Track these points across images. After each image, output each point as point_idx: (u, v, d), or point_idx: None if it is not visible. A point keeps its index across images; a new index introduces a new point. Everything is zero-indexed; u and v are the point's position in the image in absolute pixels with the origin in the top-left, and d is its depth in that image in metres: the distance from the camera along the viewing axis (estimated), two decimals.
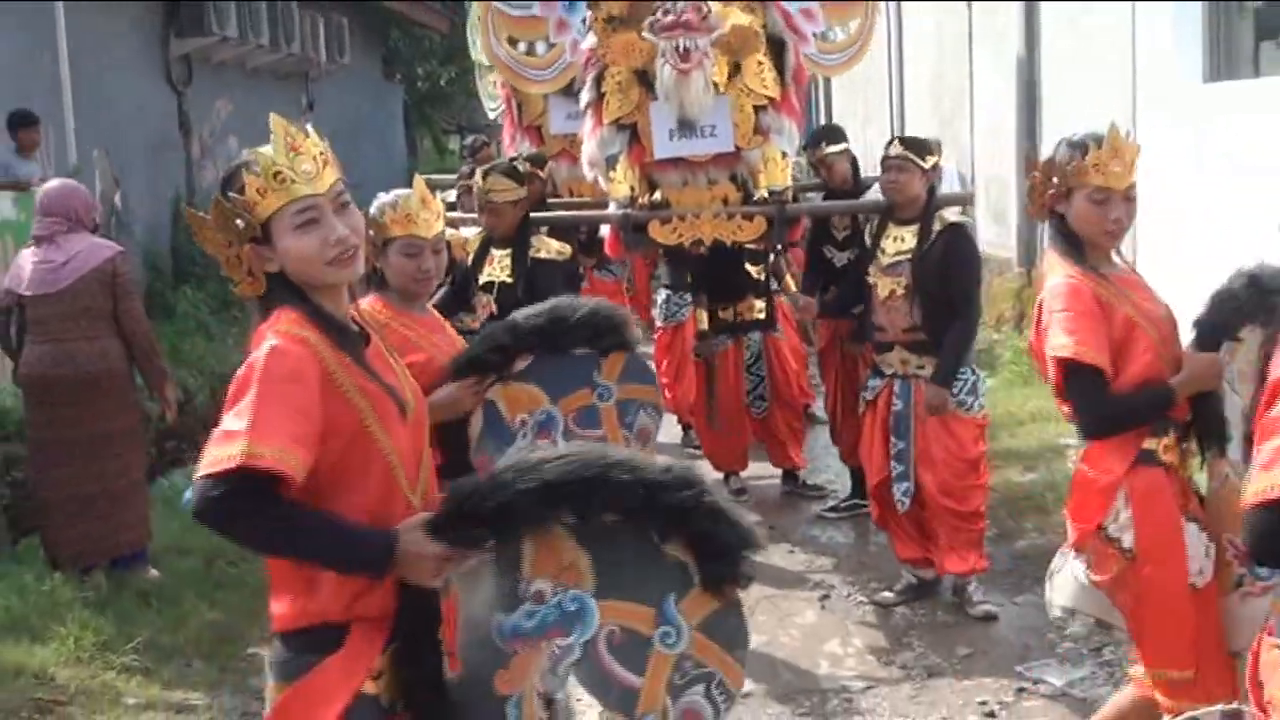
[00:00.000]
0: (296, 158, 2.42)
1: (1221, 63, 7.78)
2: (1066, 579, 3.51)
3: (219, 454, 2.25)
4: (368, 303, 3.72)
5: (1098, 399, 3.25)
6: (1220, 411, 3.23)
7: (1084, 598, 3.49)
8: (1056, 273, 3.36)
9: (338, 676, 2.39)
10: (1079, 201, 3.32)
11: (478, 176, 5.49)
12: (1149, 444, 3.27)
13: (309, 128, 2.50)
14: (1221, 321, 3.22)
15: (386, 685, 2.44)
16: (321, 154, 2.45)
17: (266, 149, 2.43)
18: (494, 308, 5.35)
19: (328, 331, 2.43)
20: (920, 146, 5.65)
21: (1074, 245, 3.35)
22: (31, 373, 5.80)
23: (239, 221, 2.41)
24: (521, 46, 6.70)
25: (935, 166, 5.65)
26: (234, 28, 13.77)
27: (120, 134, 11.86)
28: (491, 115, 10.21)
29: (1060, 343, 3.23)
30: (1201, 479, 3.40)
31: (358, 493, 2.40)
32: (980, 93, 11.52)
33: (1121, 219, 3.31)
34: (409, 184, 3.87)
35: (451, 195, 7.61)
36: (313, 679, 2.39)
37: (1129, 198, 3.31)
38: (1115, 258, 3.42)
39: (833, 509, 6.85)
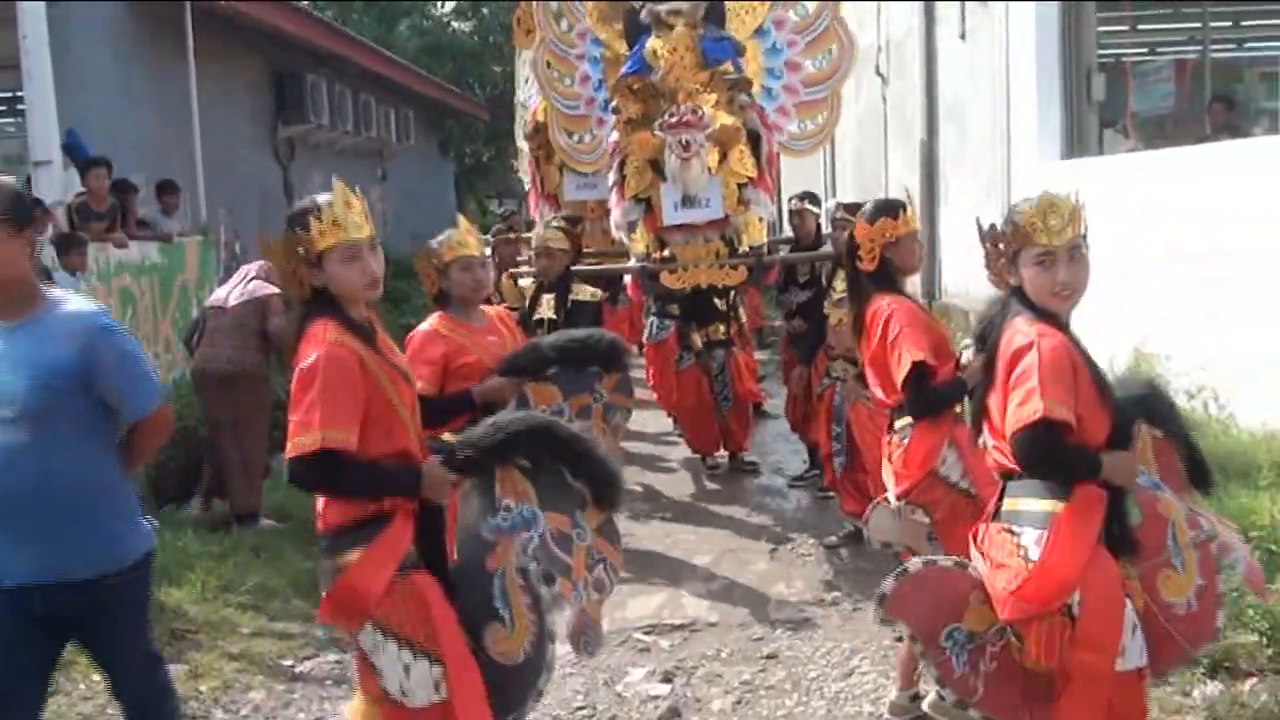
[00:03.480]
0: (349, 211, 2.58)
1: (1075, 144, 7.80)
2: (882, 520, 3.58)
3: (303, 441, 2.47)
4: (434, 320, 3.74)
5: (926, 389, 3.46)
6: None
7: (899, 533, 3.57)
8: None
9: (393, 542, 2.61)
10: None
11: (538, 228, 5.70)
12: None
13: (357, 189, 2.66)
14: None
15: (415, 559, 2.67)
16: (364, 210, 2.63)
17: (327, 198, 2.59)
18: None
19: (357, 334, 2.60)
20: (856, 209, 5.63)
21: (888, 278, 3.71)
22: (194, 367, 6.18)
23: (301, 250, 2.58)
24: (575, 137, 6.94)
25: None
26: (326, 117, 13.82)
27: (239, 198, 11.84)
28: (527, 185, 10.22)
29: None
30: None
31: (384, 443, 2.62)
32: (892, 167, 11.54)
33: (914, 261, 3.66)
34: None
35: (487, 249, 7.62)
36: (379, 543, 2.59)
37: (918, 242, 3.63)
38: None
39: (798, 478, 6.78)
